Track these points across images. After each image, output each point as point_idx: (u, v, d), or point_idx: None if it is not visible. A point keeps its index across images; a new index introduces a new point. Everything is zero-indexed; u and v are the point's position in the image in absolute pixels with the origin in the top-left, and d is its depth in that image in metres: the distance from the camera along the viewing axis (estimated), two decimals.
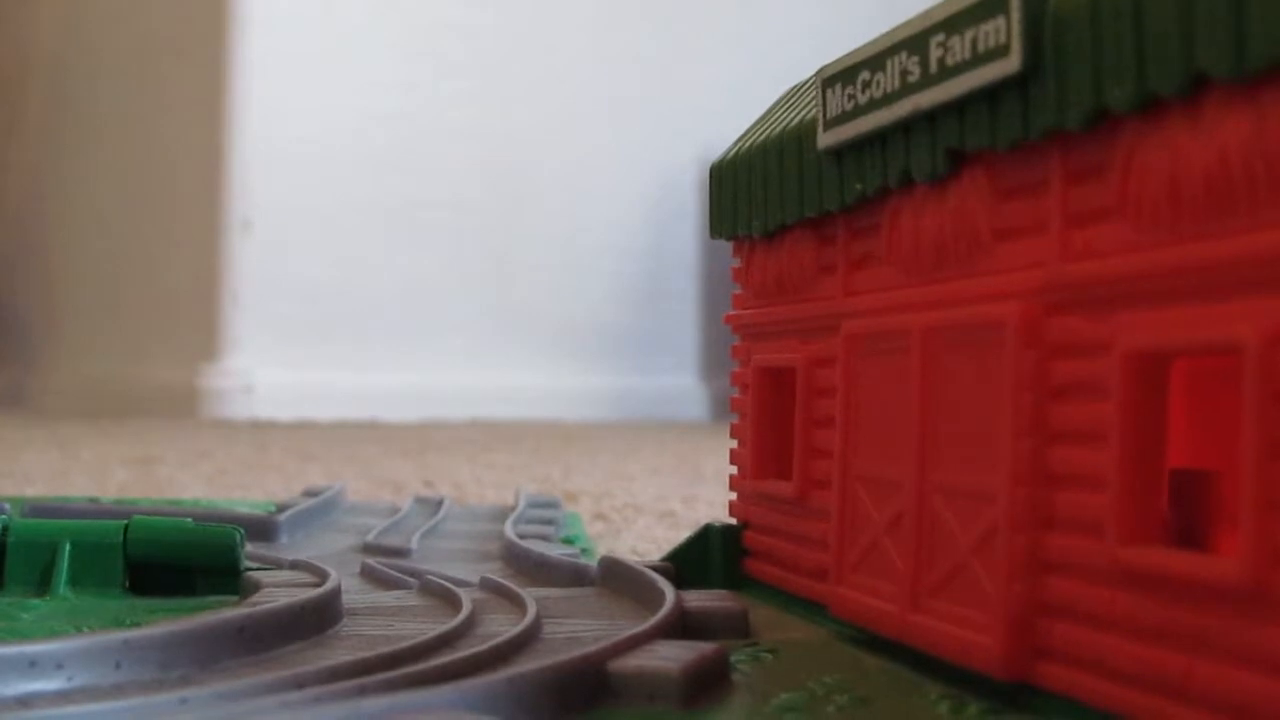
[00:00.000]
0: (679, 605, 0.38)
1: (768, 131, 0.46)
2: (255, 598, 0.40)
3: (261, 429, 1.89)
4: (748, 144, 0.48)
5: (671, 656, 0.31)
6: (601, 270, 2.65)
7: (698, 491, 1.05)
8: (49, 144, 2.68)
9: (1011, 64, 0.31)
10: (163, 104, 2.40)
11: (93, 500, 0.68)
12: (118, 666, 0.30)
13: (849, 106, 0.39)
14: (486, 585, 0.44)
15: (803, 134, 0.43)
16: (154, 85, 2.42)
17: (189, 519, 0.47)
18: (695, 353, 2.74)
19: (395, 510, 0.70)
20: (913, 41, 0.36)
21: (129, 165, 2.44)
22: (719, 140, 0.56)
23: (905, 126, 0.37)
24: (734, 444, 0.50)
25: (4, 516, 0.45)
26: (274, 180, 2.27)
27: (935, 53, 0.34)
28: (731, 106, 1.15)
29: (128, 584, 0.44)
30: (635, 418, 2.52)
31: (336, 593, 0.39)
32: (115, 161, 2.47)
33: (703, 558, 0.49)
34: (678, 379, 2.70)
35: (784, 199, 0.44)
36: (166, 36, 2.42)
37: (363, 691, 0.27)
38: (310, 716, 0.25)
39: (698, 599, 0.40)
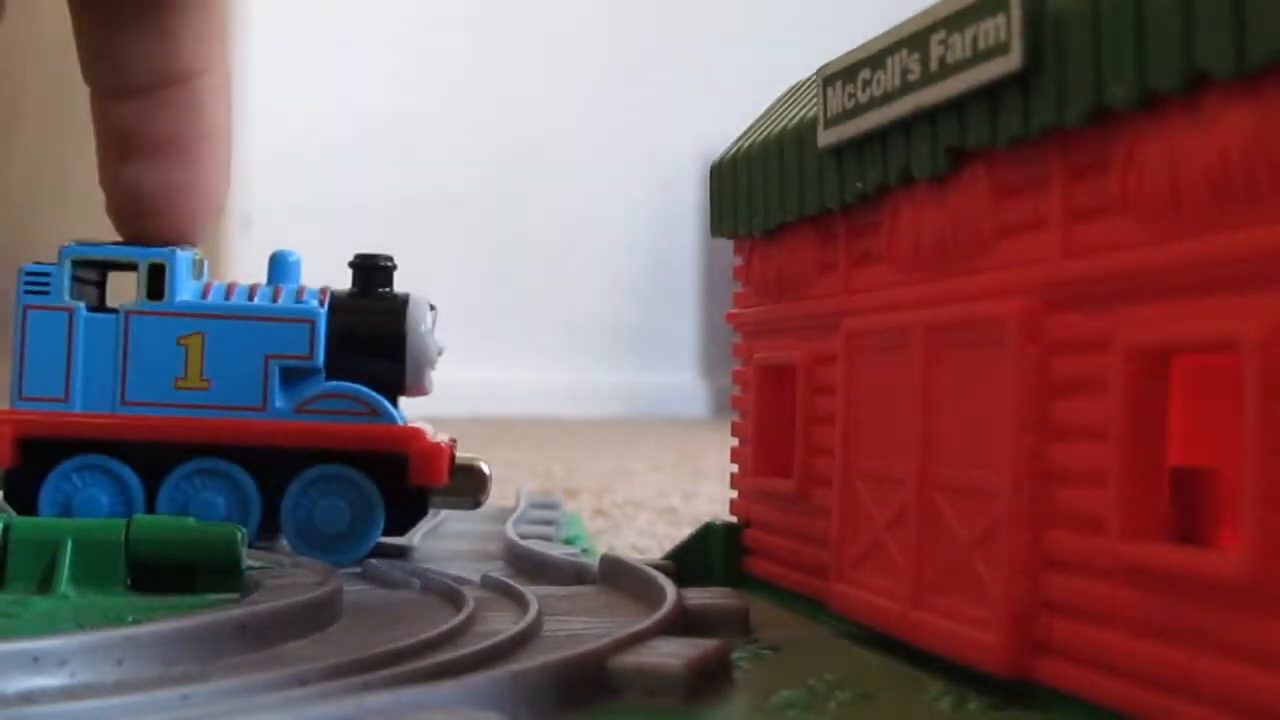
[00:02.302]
0: (680, 602, 0.38)
1: (768, 130, 0.47)
2: (257, 595, 0.40)
3: None
4: (748, 142, 0.48)
5: (673, 653, 0.31)
6: (602, 267, 2.65)
7: (698, 488, 1.05)
8: (49, 141, 2.68)
9: (1012, 61, 0.31)
10: None
11: None
12: (120, 663, 0.30)
13: (849, 104, 0.39)
14: (488, 583, 0.44)
15: (803, 132, 0.43)
16: None
17: (190, 517, 0.47)
18: (696, 349, 2.74)
19: None
20: (913, 39, 0.36)
21: None
22: (720, 137, 0.56)
23: (906, 124, 0.37)
24: (735, 441, 0.50)
25: (5, 514, 0.45)
26: (273, 177, 2.27)
27: (936, 50, 0.34)
28: (733, 104, 1.15)
29: (129, 582, 0.44)
30: (636, 414, 2.52)
31: (338, 591, 0.39)
32: None
33: (704, 555, 0.49)
34: (678, 376, 2.70)
35: (784, 197, 0.45)
36: None
37: (365, 688, 0.27)
38: (313, 713, 0.25)
39: (699, 596, 0.40)
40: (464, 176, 2.49)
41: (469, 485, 0.55)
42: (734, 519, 0.50)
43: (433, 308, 0.56)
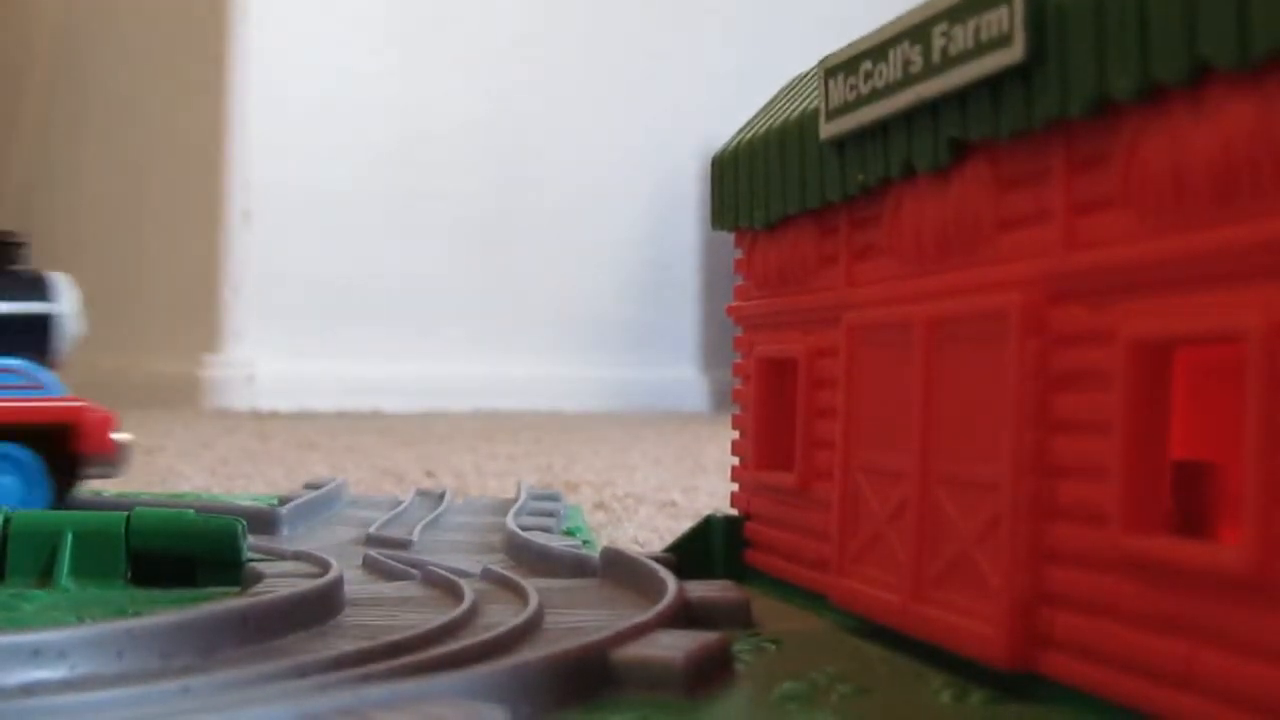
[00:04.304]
0: (681, 595, 0.38)
1: (769, 122, 0.46)
2: (257, 588, 0.40)
3: (263, 419, 1.89)
4: (749, 135, 0.48)
5: (674, 646, 0.31)
6: (603, 261, 2.65)
7: (698, 482, 1.05)
8: (49, 133, 2.68)
9: (1014, 53, 0.31)
10: (164, 94, 2.40)
11: (95, 493, 0.68)
12: (120, 655, 0.30)
13: (851, 97, 0.39)
14: (488, 576, 0.44)
15: (805, 124, 0.43)
16: (155, 75, 2.42)
17: (191, 510, 0.47)
18: (696, 344, 2.74)
19: (397, 503, 0.70)
20: (915, 31, 0.35)
21: (129, 155, 2.44)
22: (721, 131, 0.56)
23: (907, 116, 0.37)
24: (735, 435, 0.50)
25: (6, 508, 0.45)
26: (274, 171, 2.27)
27: (938, 42, 0.34)
28: (733, 97, 1.15)
29: (130, 575, 0.44)
30: (636, 408, 2.52)
31: (339, 583, 0.39)
32: (116, 152, 2.46)
33: (704, 549, 0.49)
34: (678, 370, 2.70)
35: (786, 190, 0.44)
36: (167, 25, 2.41)
37: (366, 680, 0.27)
38: (313, 705, 0.25)
39: (700, 589, 0.40)
40: (464, 170, 2.49)
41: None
42: (735, 512, 0.50)
43: (72, 285, 0.56)
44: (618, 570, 0.44)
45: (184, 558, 0.44)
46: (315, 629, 0.36)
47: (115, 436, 0.57)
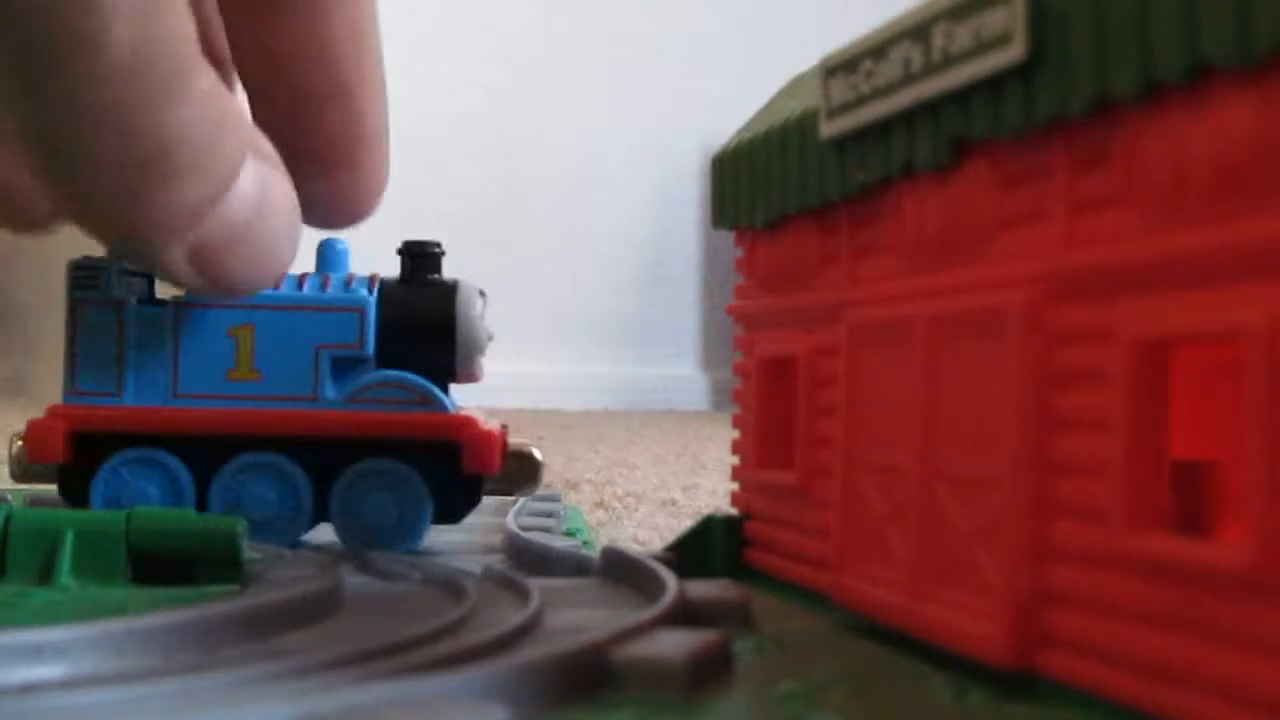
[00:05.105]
0: (681, 594, 0.38)
1: (770, 121, 0.46)
2: (258, 587, 0.40)
3: None
4: (750, 134, 0.48)
5: (674, 645, 0.31)
6: (603, 260, 2.65)
7: (698, 480, 1.05)
8: None
9: (1015, 52, 0.31)
10: None
11: None
12: (120, 654, 0.30)
13: (851, 96, 0.39)
14: (489, 575, 0.44)
15: (805, 124, 0.43)
16: None
17: (191, 510, 0.47)
18: (696, 342, 2.74)
19: None
20: (916, 30, 0.35)
21: None
22: (721, 130, 0.56)
23: (908, 116, 0.37)
24: (735, 434, 0.50)
25: (6, 506, 0.45)
26: None
27: (938, 41, 0.34)
28: (734, 96, 1.15)
29: (130, 574, 0.44)
30: (636, 407, 2.52)
31: (339, 583, 0.39)
32: None
33: (705, 548, 0.49)
34: (678, 368, 2.70)
35: (786, 189, 0.44)
36: None
37: (366, 679, 0.27)
38: (313, 704, 0.25)
39: (700, 588, 0.40)
40: (465, 168, 2.49)
41: (521, 472, 0.55)
42: (735, 511, 0.50)
43: (482, 294, 0.55)
44: (618, 569, 0.44)
45: (184, 557, 0.44)
46: (316, 628, 0.36)
47: (528, 452, 0.55)
